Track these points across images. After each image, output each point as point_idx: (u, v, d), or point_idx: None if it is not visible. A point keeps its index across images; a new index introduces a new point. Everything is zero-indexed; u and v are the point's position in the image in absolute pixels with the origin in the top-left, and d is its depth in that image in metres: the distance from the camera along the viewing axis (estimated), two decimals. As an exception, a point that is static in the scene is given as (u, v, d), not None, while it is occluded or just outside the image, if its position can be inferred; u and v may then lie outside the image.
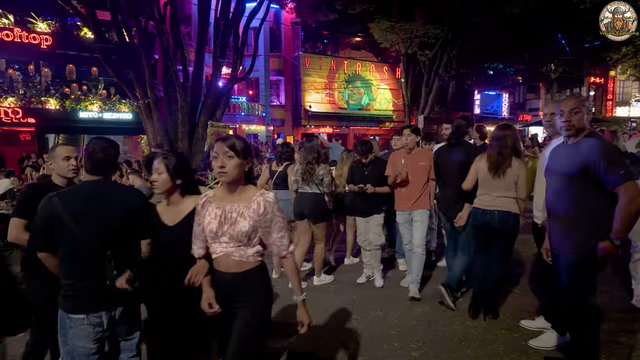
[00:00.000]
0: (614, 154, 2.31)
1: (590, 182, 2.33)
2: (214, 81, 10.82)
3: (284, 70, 22.91)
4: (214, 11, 10.57)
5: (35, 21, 12.82)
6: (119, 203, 2.10)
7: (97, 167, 2.08)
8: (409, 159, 4.09)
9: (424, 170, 4.03)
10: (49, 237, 2.00)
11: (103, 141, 2.11)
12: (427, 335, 3.39)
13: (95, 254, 1.98)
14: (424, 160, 4.06)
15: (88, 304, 2.03)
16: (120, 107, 13.88)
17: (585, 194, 2.35)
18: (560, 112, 2.46)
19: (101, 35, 9.47)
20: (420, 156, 4.10)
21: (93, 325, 2.04)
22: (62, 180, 2.56)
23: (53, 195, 2.00)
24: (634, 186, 2.23)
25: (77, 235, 1.97)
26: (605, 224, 2.31)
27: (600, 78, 28.68)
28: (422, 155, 4.12)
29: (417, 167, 4.02)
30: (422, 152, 4.20)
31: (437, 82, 18.69)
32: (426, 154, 4.19)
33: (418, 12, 17.56)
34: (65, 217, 1.96)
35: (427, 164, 4.04)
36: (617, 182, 2.23)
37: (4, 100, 12.21)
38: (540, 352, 3.04)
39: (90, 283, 2.01)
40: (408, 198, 4.09)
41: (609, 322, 3.40)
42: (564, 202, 2.45)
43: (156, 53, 12.56)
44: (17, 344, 3.25)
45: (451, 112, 23.73)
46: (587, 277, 2.43)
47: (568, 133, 2.45)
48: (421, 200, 4.06)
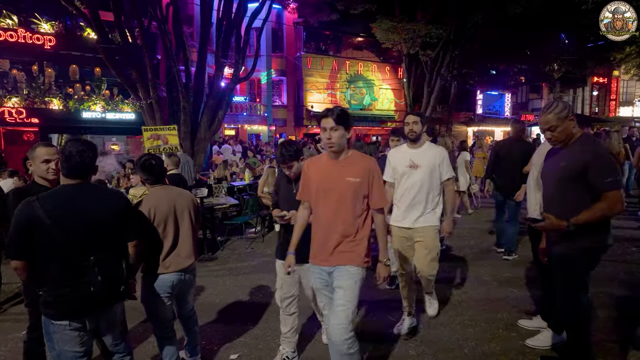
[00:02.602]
0: (604, 161, 2.34)
1: (581, 184, 2.36)
2: (216, 81, 10.85)
3: (287, 70, 22.96)
4: (216, 12, 10.61)
5: (39, 22, 12.91)
6: (100, 206, 2.05)
7: (74, 170, 2.01)
8: (330, 170, 2.41)
9: (354, 189, 2.34)
10: (26, 243, 1.91)
11: (79, 144, 2.04)
12: (424, 334, 3.41)
13: (77, 260, 1.94)
14: (355, 174, 2.36)
15: (70, 310, 1.98)
16: (123, 107, 13.94)
17: (577, 195, 2.38)
18: (541, 129, 2.55)
19: (104, 36, 9.52)
20: (351, 166, 2.39)
21: (77, 330, 2.00)
22: (45, 181, 2.48)
23: (33, 200, 1.92)
24: (617, 195, 2.29)
25: (59, 241, 1.91)
26: (595, 225, 2.35)
27: (604, 78, 28.55)
28: (355, 165, 2.40)
29: (341, 184, 2.36)
30: (357, 160, 2.43)
31: (439, 82, 18.68)
32: (362, 163, 2.41)
33: (420, 12, 17.57)
34: (46, 221, 1.89)
35: (361, 180, 2.34)
36: (603, 188, 2.30)
37: (8, 100, 12.31)
38: (536, 352, 3.07)
39: (72, 289, 1.96)
40: (324, 242, 2.41)
41: (606, 322, 3.43)
42: (558, 203, 2.48)
43: (159, 53, 12.62)
44: (19, 341, 3.30)
45: (453, 112, 23.72)
46: (579, 276, 2.46)
47: (556, 145, 2.54)
48: (349, 246, 2.37)
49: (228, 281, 4.94)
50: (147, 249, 2.45)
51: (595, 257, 2.46)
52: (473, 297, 4.14)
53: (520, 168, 4.87)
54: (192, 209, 2.78)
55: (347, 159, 2.41)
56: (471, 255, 5.58)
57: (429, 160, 3.26)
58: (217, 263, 5.71)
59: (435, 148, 3.36)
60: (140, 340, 3.43)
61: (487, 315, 3.70)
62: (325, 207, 2.40)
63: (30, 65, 12.90)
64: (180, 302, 2.81)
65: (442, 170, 3.29)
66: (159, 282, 2.58)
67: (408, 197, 3.29)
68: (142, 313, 2.78)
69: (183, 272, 2.67)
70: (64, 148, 2.03)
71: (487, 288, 4.40)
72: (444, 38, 17.29)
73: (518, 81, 26.68)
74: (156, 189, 2.73)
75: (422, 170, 3.25)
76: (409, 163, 3.29)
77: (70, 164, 2.00)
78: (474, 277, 4.73)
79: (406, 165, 3.30)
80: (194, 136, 10.45)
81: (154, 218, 2.57)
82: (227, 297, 4.42)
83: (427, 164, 3.26)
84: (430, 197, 3.27)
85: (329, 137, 2.33)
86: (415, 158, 3.29)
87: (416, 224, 3.28)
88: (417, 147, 3.33)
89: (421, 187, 3.25)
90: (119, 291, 2.14)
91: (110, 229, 2.06)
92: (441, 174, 3.29)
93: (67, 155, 2.00)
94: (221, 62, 10.70)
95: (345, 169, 2.38)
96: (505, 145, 5.44)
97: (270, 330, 3.55)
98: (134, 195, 5.32)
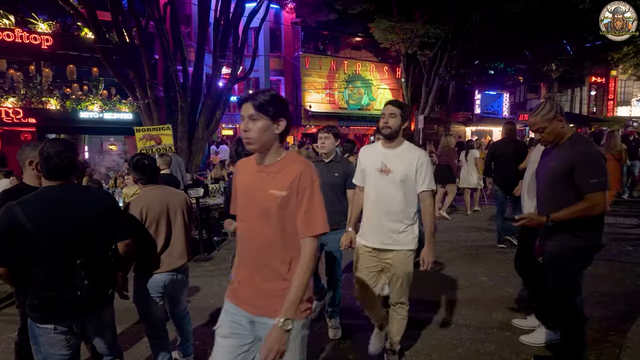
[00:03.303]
0: (592, 161, 2.35)
1: (570, 184, 2.38)
2: (214, 81, 10.86)
3: (284, 70, 22.96)
4: (214, 11, 10.61)
5: (36, 22, 12.88)
6: (85, 207, 2.00)
7: (53, 172, 1.95)
8: (254, 178, 1.78)
9: (279, 206, 1.67)
10: (7, 249, 1.86)
11: (58, 144, 1.96)
12: (418, 334, 3.40)
13: (63, 263, 1.91)
14: (281, 184, 1.69)
15: (56, 314, 1.95)
16: (121, 107, 13.93)
17: (568, 193, 2.39)
18: (531, 130, 2.59)
19: (102, 36, 9.52)
20: (278, 173, 1.73)
21: (63, 334, 1.97)
22: (36, 181, 2.41)
23: (14, 204, 1.87)
24: (601, 197, 2.31)
25: (42, 244, 1.87)
26: (587, 223, 2.35)
27: (602, 78, 28.60)
28: (283, 172, 1.72)
29: (263, 198, 1.70)
30: (288, 164, 1.73)
31: (437, 82, 18.68)
32: (293, 168, 1.71)
33: (418, 12, 17.58)
34: (28, 225, 1.84)
35: (288, 193, 1.67)
36: (589, 189, 2.31)
37: (5, 100, 12.28)
38: (530, 351, 3.07)
39: (59, 293, 1.92)
40: (247, 276, 1.78)
41: (600, 321, 3.43)
42: (549, 203, 2.49)
43: (156, 53, 12.62)
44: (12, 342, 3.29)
45: (451, 112, 23.74)
46: (571, 275, 2.46)
47: (546, 145, 2.57)
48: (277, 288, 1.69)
49: (224, 281, 4.93)
50: (139, 248, 2.44)
51: (587, 256, 2.47)
52: (467, 297, 4.15)
53: (516, 165, 5.11)
54: (185, 209, 2.78)
55: (276, 164, 1.72)
56: (467, 255, 5.59)
57: (404, 165, 2.59)
58: (213, 263, 5.70)
59: (415, 151, 2.66)
60: (133, 341, 3.42)
61: (481, 315, 3.70)
62: (246, 227, 1.77)
63: (27, 65, 12.86)
64: (172, 302, 2.81)
65: (418, 178, 2.59)
66: (151, 282, 2.58)
67: (377, 211, 2.65)
68: (136, 314, 2.77)
69: (175, 272, 2.66)
70: (42, 149, 1.95)
71: (482, 288, 4.40)
72: (442, 38, 17.29)
73: (516, 81, 26.70)
74: (149, 188, 2.72)
75: (394, 177, 2.59)
76: (380, 166, 2.63)
77: (49, 166, 1.94)
78: (469, 276, 4.73)
79: (376, 169, 2.64)
80: (192, 136, 10.45)
81: (146, 217, 2.56)
82: (222, 298, 4.30)
83: (401, 169, 2.58)
84: (406, 212, 2.61)
85: (244, 128, 1.69)
86: (388, 160, 2.62)
87: (385, 245, 2.64)
88: (392, 146, 2.66)
89: (392, 199, 2.59)
90: (107, 294, 2.12)
91: (96, 230, 2.02)
92: (417, 184, 2.60)
93: (45, 157, 1.93)
94: (219, 62, 10.70)
95: (270, 177, 1.71)
96: (500, 145, 5.94)
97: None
98: (126, 194, 5.32)
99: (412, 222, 2.65)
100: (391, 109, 2.62)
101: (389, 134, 2.62)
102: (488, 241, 6.10)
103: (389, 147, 2.68)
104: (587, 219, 2.33)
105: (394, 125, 2.60)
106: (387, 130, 2.61)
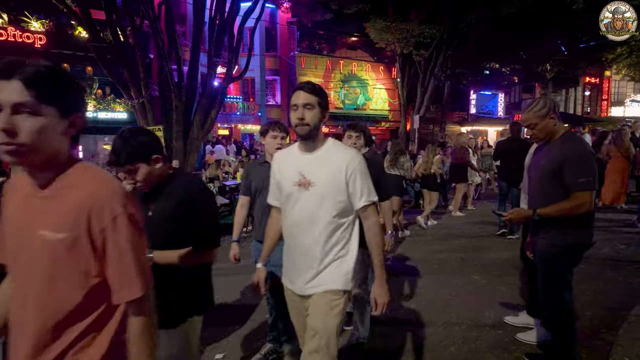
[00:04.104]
0: (582, 160, 2.36)
1: (559, 181, 2.39)
2: (209, 81, 10.83)
3: (280, 69, 22.94)
4: (209, 10, 10.58)
5: (29, 20, 12.82)
6: None
7: None
8: (23, 211, 1.16)
9: (53, 256, 1.09)
10: None
11: None
12: (410, 333, 3.41)
13: None
14: (57, 221, 1.08)
15: None
16: (115, 107, 13.88)
17: (558, 191, 2.40)
18: (523, 126, 2.64)
19: (96, 35, 9.47)
20: (56, 202, 1.10)
21: None
22: None
23: None
24: (588, 196, 2.32)
25: None
26: (577, 220, 2.37)
27: (596, 78, 28.80)
28: (63, 200, 1.10)
29: (31, 243, 1.10)
30: (73, 188, 1.10)
31: (432, 81, 18.76)
32: (79, 195, 1.09)
33: (413, 12, 17.64)
34: None
35: (69, 236, 1.07)
36: (576, 188, 2.33)
37: (-2, 99, 12.20)
38: (522, 349, 3.08)
39: None
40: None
41: (591, 319, 3.45)
42: (540, 198, 2.51)
43: (151, 52, 12.55)
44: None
45: (447, 112, 23.82)
46: (560, 272, 2.48)
47: (538, 142, 2.62)
48: None
49: (217, 280, 4.89)
50: None
51: (577, 254, 2.49)
52: (460, 296, 4.16)
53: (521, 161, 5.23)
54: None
55: (56, 188, 1.11)
56: (461, 253, 5.61)
57: (329, 174, 1.83)
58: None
59: (343, 152, 1.88)
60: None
61: (474, 314, 3.71)
62: (16, 282, 1.18)
63: (20, 64, 12.80)
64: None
65: (353, 190, 1.83)
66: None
67: (294, 241, 1.93)
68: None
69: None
70: None
71: (476, 287, 4.42)
72: (437, 38, 17.37)
73: (511, 81, 26.83)
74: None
75: (316, 191, 1.83)
76: (297, 178, 1.87)
77: None
78: (463, 275, 4.75)
79: (293, 182, 1.87)
80: (187, 135, 10.42)
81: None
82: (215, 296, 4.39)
83: (325, 179, 1.83)
84: (333, 238, 1.85)
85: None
86: (307, 169, 1.85)
87: (306, 288, 1.90)
88: (311, 149, 1.88)
89: (313, 222, 1.84)
90: None
91: None
92: (352, 197, 1.85)
93: None
94: (214, 61, 10.67)
95: (42, 208, 1.11)
96: (504, 143, 6.59)
97: (257, 330, 3.55)
98: None
99: (342, 252, 1.88)
100: (306, 98, 1.79)
101: (307, 133, 1.81)
102: (484, 241, 6.12)
103: (307, 151, 1.88)
104: (576, 216, 2.35)
105: (312, 120, 1.79)
106: (304, 128, 1.80)
